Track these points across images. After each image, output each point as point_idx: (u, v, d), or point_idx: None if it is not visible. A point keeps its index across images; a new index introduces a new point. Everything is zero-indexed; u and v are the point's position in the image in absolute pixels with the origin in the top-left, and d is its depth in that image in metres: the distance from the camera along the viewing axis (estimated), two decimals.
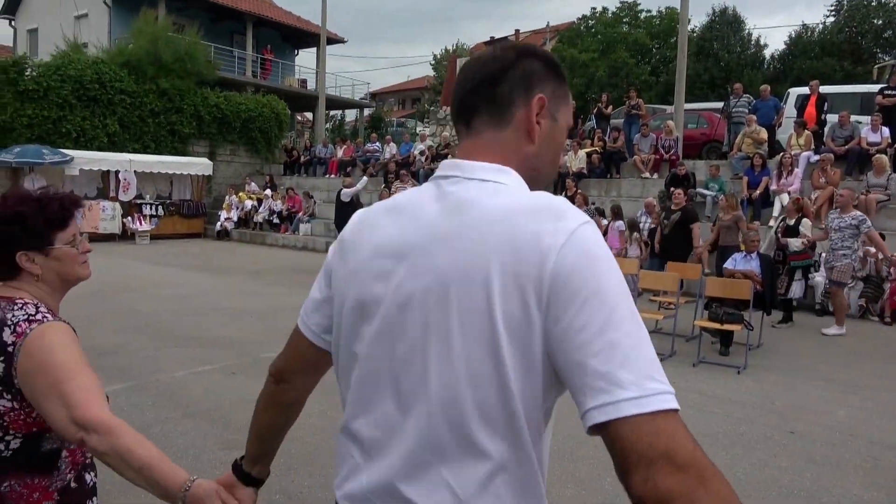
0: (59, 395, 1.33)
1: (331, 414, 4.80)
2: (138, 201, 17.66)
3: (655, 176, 13.77)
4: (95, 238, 16.36)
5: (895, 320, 8.86)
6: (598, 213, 11.61)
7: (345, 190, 12.44)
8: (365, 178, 13.40)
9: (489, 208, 0.96)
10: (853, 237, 8.04)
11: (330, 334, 1.15)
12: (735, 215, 9.37)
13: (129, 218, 17.23)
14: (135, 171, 17.37)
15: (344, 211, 12.23)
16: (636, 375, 0.82)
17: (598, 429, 0.83)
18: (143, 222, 17.32)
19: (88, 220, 16.52)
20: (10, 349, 1.39)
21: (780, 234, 9.00)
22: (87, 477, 1.57)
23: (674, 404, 0.82)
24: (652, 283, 8.14)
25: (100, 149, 17.58)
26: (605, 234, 11.12)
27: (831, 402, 5.46)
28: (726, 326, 6.61)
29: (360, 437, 1.04)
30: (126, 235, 17.06)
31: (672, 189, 10.71)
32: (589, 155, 14.53)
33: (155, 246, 16.41)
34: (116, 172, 17.08)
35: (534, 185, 1.05)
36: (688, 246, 9.34)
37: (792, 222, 8.89)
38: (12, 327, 1.40)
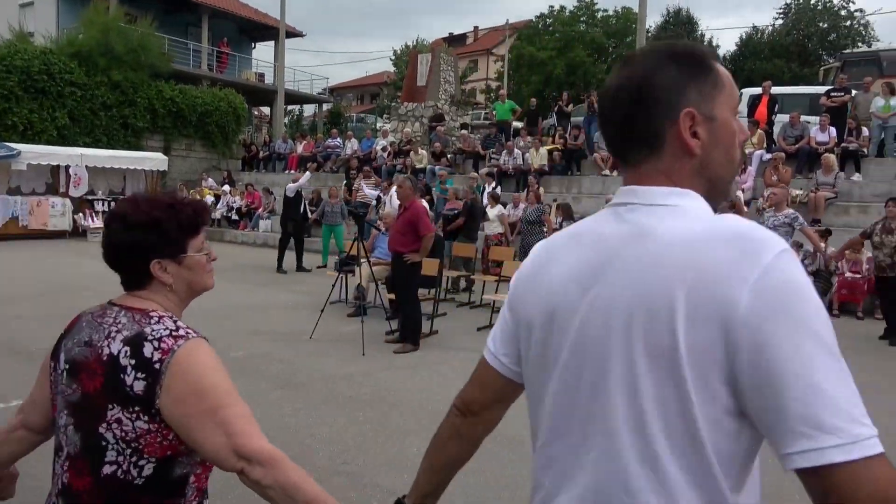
0: (218, 422, 1.25)
1: (304, 412, 4.78)
2: (90, 197, 17.11)
3: (615, 174, 14.03)
4: (45, 235, 15.82)
5: (843, 313, 9.25)
6: (558, 210, 11.78)
7: (289, 185, 12.35)
8: (308, 173, 13.21)
9: (670, 234, 0.93)
10: (787, 234, 8.37)
11: (519, 366, 1.15)
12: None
13: (81, 214, 16.69)
14: (86, 166, 16.81)
15: (289, 206, 12.14)
16: (842, 420, 0.79)
17: (802, 472, 0.81)
18: (95, 219, 16.78)
19: (37, 216, 15.94)
20: (156, 366, 1.28)
21: None
22: None
23: (879, 448, 0.79)
24: None
25: (49, 142, 16.96)
26: (551, 231, 11.48)
27: None
28: None
29: (552, 465, 1.05)
30: (77, 233, 16.51)
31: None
32: (550, 152, 14.71)
33: None
34: (67, 167, 16.51)
35: (714, 192, 1.02)
36: None
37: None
38: (155, 343, 1.30)
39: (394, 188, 10.78)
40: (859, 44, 30.82)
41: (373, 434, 4.41)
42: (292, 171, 19.14)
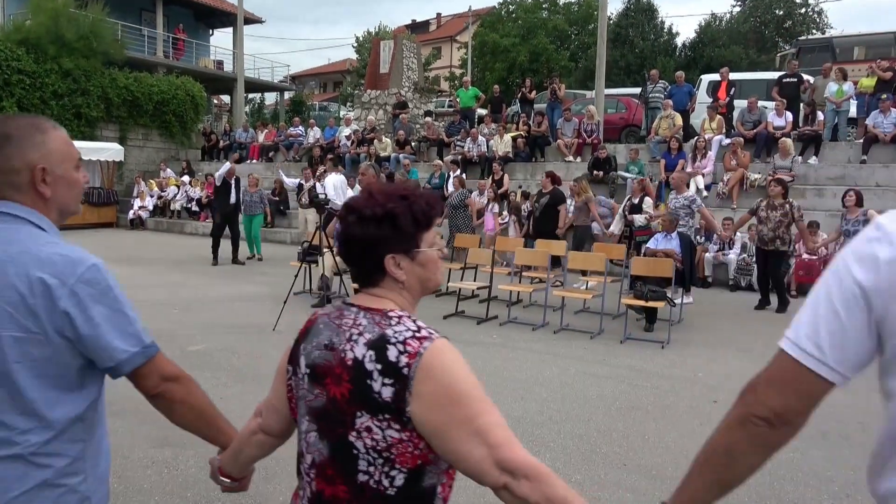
0: (476, 431, 1.17)
1: None
2: None
3: (578, 159, 14.13)
4: None
5: (801, 293, 9.49)
6: (523, 196, 11.83)
7: (216, 173, 12.16)
8: (228, 163, 12.96)
9: None
10: (688, 214, 8.87)
11: (855, 371, 1.09)
12: (586, 197, 10.26)
13: None
14: None
15: (217, 195, 11.96)
16: None
17: None
18: None
19: None
20: (403, 371, 1.20)
21: (626, 212, 9.96)
22: None
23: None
24: (580, 264, 8.39)
25: None
26: (480, 215, 11.97)
27: (749, 372, 5.70)
28: (650, 303, 6.89)
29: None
30: None
31: (546, 174, 11.14)
32: (514, 139, 14.72)
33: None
34: None
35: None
36: (556, 226, 10.16)
37: (636, 201, 9.91)
38: (400, 346, 1.22)
39: (330, 175, 10.80)
40: (814, 31, 31.53)
41: None
42: (254, 161, 18.82)
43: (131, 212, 17.92)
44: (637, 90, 16.95)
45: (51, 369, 1.35)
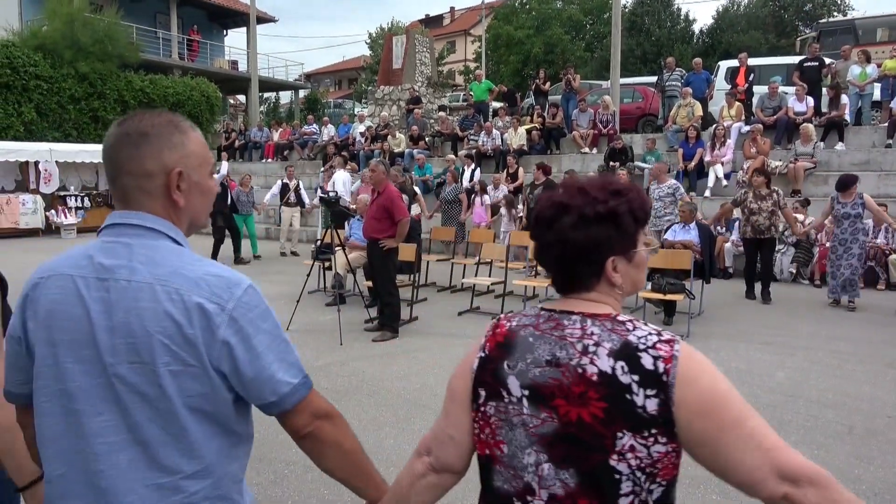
0: (748, 434, 1.07)
1: None
2: (62, 193, 16.69)
3: (595, 151, 13.92)
4: (17, 234, 15.45)
5: (824, 283, 9.25)
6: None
7: (215, 176, 12.16)
8: (225, 163, 12.86)
9: None
10: (672, 203, 9.06)
11: None
12: None
13: (53, 211, 16.29)
14: (56, 161, 16.38)
15: (217, 197, 11.93)
16: None
17: None
18: (68, 215, 16.40)
19: (7, 214, 15.54)
20: (663, 379, 1.08)
21: None
22: None
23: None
24: None
25: (16, 138, 16.53)
26: (470, 207, 11.95)
27: (771, 365, 5.64)
28: (669, 296, 6.74)
29: None
30: (50, 230, 16.12)
31: (536, 168, 11.15)
32: (529, 131, 14.55)
33: (83, 240, 15.53)
34: (36, 163, 16.07)
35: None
36: None
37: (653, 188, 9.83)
38: (652, 352, 1.10)
39: (337, 171, 10.88)
40: (835, 13, 30.83)
41: None
42: (269, 160, 18.86)
43: None
44: (654, 79, 16.68)
45: (208, 405, 1.18)
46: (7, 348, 1.28)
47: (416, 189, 11.25)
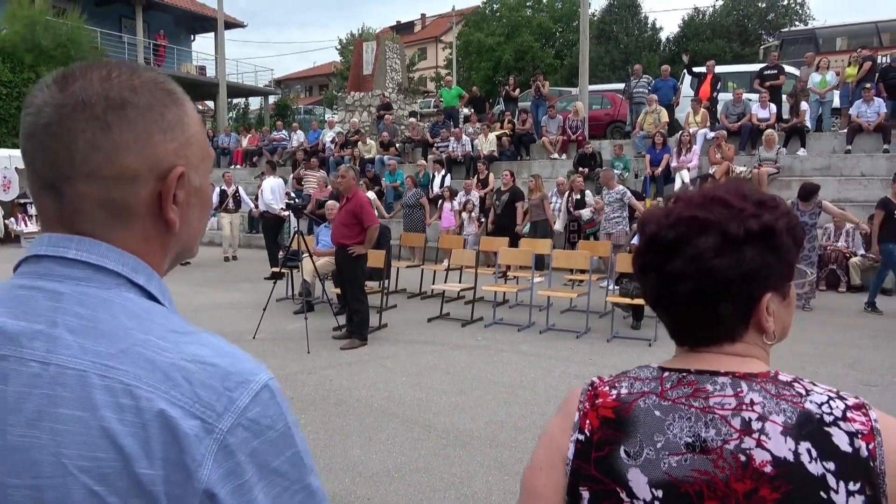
0: None
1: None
2: (22, 201, 16.26)
3: (564, 157, 14.03)
4: None
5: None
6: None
7: None
8: None
9: None
10: (621, 208, 9.50)
11: None
12: (541, 195, 10.47)
13: (13, 219, 15.86)
14: (16, 168, 15.95)
15: None
16: None
17: None
18: (28, 223, 15.98)
19: None
20: (870, 465, 0.78)
21: (571, 209, 10.31)
22: None
23: None
24: (564, 262, 8.29)
25: None
26: (440, 213, 12.09)
27: None
28: (637, 301, 6.78)
29: None
30: (10, 238, 15.69)
31: (505, 172, 11.37)
32: (499, 137, 14.61)
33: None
34: None
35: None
36: (514, 222, 10.58)
37: (578, 196, 10.38)
38: (843, 425, 0.80)
39: (267, 178, 11.05)
40: (796, 22, 31.62)
41: (314, 436, 4.20)
42: (237, 166, 18.62)
43: None
44: (622, 86, 16.89)
45: None
46: None
47: (371, 194, 11.43)
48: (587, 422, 0.89)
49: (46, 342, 0.64)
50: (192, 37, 29.32)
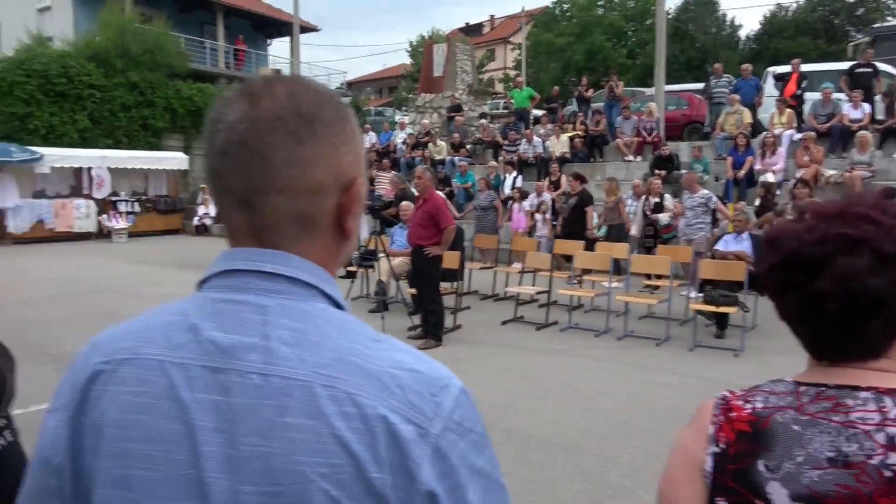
0: None
1: None
2: (113, 198, 17.20)
3: (639, 159, 13.69)
4: (71, 238, 15.96)
5: None
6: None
7: None
8: None
9: None
10: (704, 213, 9.10)
11: None
12: (616, 197, 10.25)
13: (105, 216, 16.80)
14: (108, 168, 16.90)
15: None
16: None
17: None
18: (119, 220, 16.89)
19: (62, 218, 16.08)
20: None
21: (648, 213, 9.87)
22: None
23: None
24: (644, 267, 8.08)
25: (71, 145, 17.08)
26: (510, 215, 11.91)
27: None
28: (722, 309, 6.54)
29: None
30: (102, 234, 16.63)
31: (570, 178, 11.00)
32: (571, 139, 14.41)
33: (133, 244, 16.02)
34: (89, 169, 16.62)
35: None
36: (584, 226, 10.11)
37: (657, 199, 9.92)
38: None
39: None
40: (888, 17, 29.85)
41: None
42: None
43: (196, 218, 18.42)
44: (699, 85, 16.36)
45: None
46: (30, 485, 0.73)
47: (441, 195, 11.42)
48: (722, 434, 0.90)
49: (263, 354, 0.67)
50: (269, 41, 30.26)
